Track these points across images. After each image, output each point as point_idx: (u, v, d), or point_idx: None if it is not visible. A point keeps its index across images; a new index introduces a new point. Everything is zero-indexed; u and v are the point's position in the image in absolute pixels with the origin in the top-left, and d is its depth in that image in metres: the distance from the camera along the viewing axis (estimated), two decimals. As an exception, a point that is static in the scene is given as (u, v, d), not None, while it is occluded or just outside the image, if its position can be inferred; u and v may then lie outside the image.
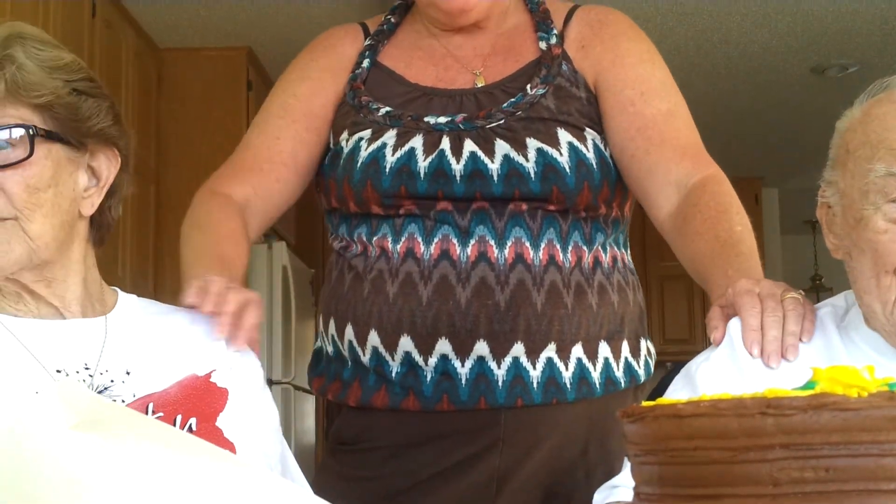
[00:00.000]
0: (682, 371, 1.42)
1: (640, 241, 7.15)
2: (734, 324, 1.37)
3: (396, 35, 1.80)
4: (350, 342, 1.64)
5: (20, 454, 0.77)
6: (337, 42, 1.81)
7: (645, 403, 0.77)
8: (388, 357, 1.60)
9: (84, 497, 0.78)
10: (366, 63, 1.75)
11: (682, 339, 6.88)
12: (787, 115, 5.91)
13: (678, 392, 1.36)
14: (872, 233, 1.23)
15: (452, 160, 1.59)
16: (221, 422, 1.28)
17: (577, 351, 1.61)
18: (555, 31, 1.72)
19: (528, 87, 1.65)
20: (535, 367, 1.58)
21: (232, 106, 4.79)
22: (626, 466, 1.38)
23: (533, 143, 1.59)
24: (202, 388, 1.29)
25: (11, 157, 1.22)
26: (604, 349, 1.64)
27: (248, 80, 4.90)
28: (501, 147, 1.59)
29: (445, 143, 1.60)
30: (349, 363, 1.66)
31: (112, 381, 1.25)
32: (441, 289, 1.57)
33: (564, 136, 1.61)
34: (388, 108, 1.67)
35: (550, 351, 1.59)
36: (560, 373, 1.60)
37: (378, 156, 1.61)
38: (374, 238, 1.63)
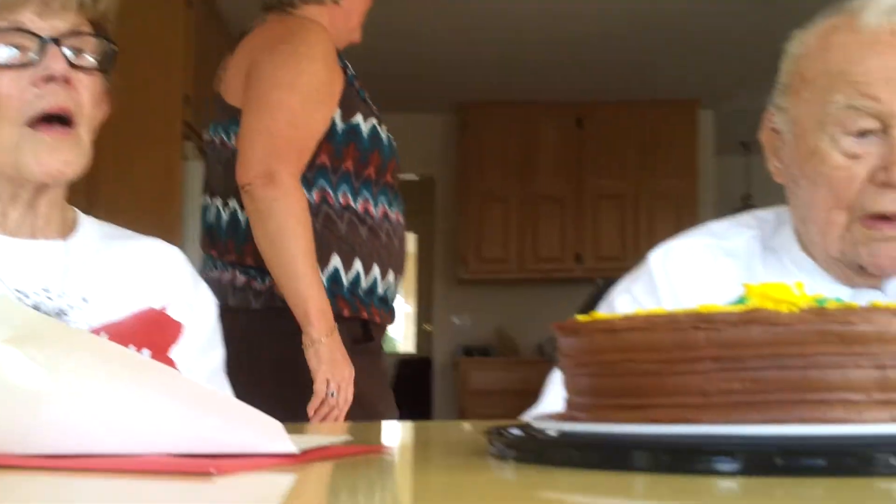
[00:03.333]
0: (604, 300, 1.45)
1: (577, 161, 7.20)
2: (655, 255, 1.39)
3: None
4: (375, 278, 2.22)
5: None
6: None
7: (580, 318, 0.78)
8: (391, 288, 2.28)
9: (16, 406, 0.78)
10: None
11: (615, 257, 6.96)
12: (723, 36, 5.92)
13: None
14: (829, 168, 1.22)
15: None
16: (173, 354, 1.28)
17: None
18: None
19: None
20: None
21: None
22: (545, 395, 1.40)
23: None
24: (157, 320, 1.29)
25: (91, 63, 1.22)
26: None
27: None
28: None
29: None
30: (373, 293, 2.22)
31: (70, 305, 1.24)
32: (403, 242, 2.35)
33: None
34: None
35: None
36: None
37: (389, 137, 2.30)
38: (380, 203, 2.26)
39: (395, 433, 1.25)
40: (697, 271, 1.35)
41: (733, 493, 0.61)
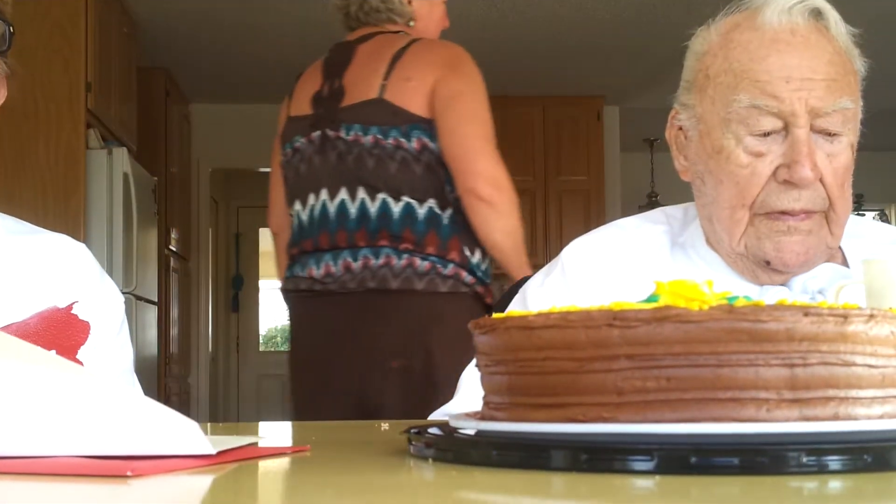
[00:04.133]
0: (519, 293, 1.46)
1: (542, 158, 7.23)
2: (567, 251, 1.40)
3: None
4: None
5: None
6: None
7: (496, 315, 0.78)
8: None
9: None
10: None
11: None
12: (629, 33, 6.00)
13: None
14: (734, 166, 1.23)
15: None
16: (82, 355, 1.25)
17: None
18: None
19: None
20: None
21: None
22: (459, 390, 1.41)
23: None
24: (63, 320, 1.26)
25: None
26: None
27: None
28: None
29: None
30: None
31: None
32: None
33: None
34: None
35: None
36: None
37: None
38: None
39: (313, 433, 1.25)
40: (609, 266, 1.37)
41: (650, 492, 0.62)
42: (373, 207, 2.56)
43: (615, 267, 1.36)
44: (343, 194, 2.58)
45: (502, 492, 0.65)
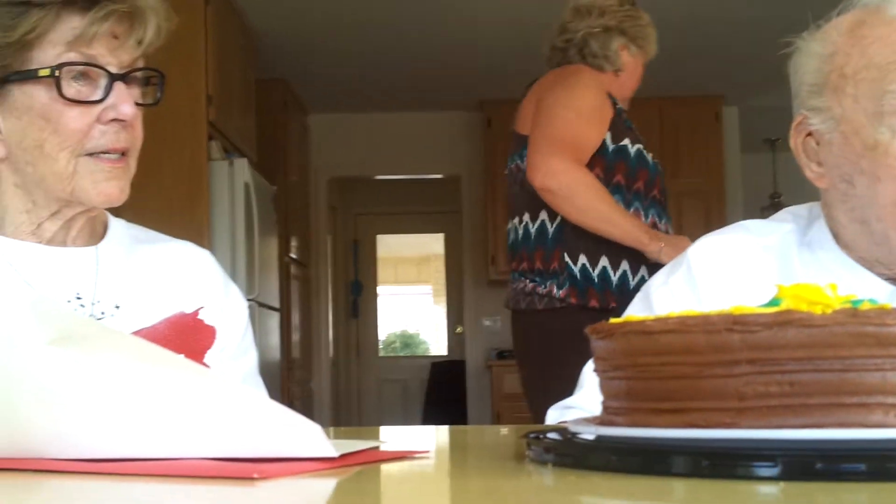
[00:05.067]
0: (641, 291, 1.44)
1: (660, 160, 7.15)
2: (694, 250, 1.38)
3: None
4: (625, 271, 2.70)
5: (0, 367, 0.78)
6: None
7: (613, 320, 0.78)
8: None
9: (60, 409, 0.79)
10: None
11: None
12: (748, 32, 5.89)
13: (637, 313, 1.38)
14: (893, 159, 1.19)
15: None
16: (208, 359, 1.29)
17: None
18: None
19: None
20: None
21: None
22: (581, 386, 1.41)
23: None
24: (190, 325, 1.30)
25: (151, 100, 1.29)
26: None
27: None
28: None
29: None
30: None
31: (103, 313, 1.26)
32: None
33: None
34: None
35: None
36: None
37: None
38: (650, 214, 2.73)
39: (431, 437, 1.26)
40: (736, 267, 1.35)
41: (775, 499, 0.61)
42: (518, 231, 2.83)
43: (741, 267, 1.34)
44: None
45: (622, 497, 0.65)
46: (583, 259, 2.65)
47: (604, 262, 2.65)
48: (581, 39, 2.84)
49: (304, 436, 0.77)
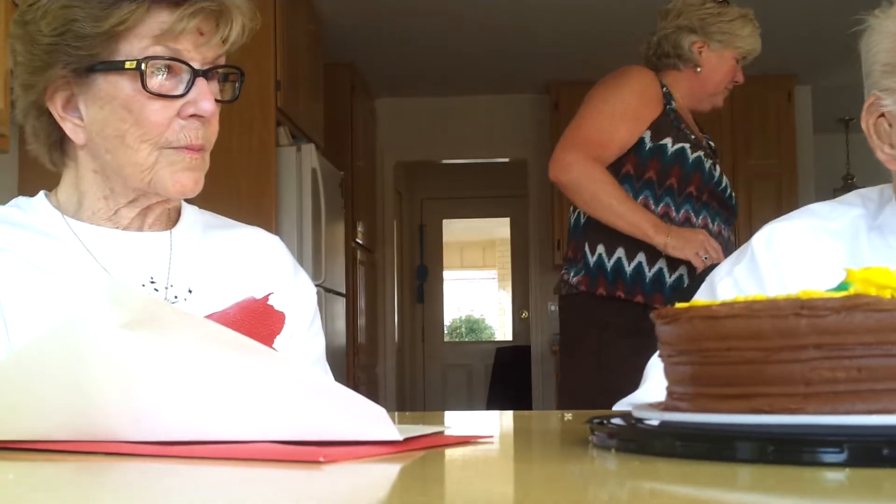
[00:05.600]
0: (706, 282, 1.43)
1: (731, 141, 7.08)
2: (758, 238, 1.36)
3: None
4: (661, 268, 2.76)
5: (74, 350, 0.80)
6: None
7: (679, 305, 0.77)
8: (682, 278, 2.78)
9: (133, 391, 0.80)
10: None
11: (711, 239, 6.85)
12: (820, 11, 5.78)
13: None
14: None
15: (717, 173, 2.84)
16: (277, 344, 1.31)
17: None
18: None
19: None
20: None
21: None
22: (645, 380, 1.40)
23: None
24: (260, 310, 1.32)
25: (230, 97, 1.31)
26: None
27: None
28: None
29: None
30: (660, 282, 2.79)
31: (176, 297, 1.28)
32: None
33: None
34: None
35: None
36: None
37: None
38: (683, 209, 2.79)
39: (495, 423, 1.26)
40: (802, 253, 1.33)
41: (841, 485, 0.60)
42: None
43: (808, 253, 1.32)
44: None
45: (687, 483, 0.65)
46: (600, 249, 2.78)
47: (619, 252, 2.76)
48: (655, 42, 2.94)
49: (370, 419, 0.78)
